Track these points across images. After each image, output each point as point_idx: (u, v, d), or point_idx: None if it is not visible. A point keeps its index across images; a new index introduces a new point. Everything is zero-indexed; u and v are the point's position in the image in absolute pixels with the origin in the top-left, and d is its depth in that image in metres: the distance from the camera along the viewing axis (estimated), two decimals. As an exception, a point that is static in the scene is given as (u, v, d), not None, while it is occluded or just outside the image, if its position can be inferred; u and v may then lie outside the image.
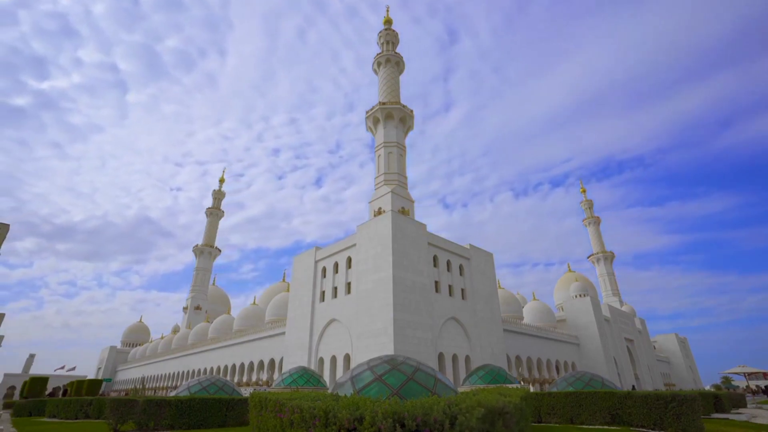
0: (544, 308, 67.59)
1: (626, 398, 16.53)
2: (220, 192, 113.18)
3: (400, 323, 31.57)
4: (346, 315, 36.66)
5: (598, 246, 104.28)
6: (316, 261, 43.15)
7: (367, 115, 51.95)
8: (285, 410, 7.35)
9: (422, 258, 36.50)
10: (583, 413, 17.37)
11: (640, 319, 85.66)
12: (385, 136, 49.15)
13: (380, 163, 48.15)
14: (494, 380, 25.25)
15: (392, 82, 54.50)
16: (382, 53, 56.63)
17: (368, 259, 35.76)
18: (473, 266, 43.34)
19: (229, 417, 17.95)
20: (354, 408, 6.08)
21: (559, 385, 21.16)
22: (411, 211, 45.70)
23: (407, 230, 36.12)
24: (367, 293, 34.46)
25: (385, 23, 59.64)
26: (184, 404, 16.89)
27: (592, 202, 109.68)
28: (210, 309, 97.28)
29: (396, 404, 6.11)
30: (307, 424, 6.46)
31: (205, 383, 21.42)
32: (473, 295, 41.69)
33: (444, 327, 36.68)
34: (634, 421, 16.02)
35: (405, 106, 51.22)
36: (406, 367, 10.54)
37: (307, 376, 27.24)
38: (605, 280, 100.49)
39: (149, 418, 16.57)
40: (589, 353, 61.19)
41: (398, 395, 9.28)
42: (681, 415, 14.89)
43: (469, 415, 5.86)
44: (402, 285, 33.10)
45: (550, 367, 55.87)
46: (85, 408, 27.09)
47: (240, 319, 62.46)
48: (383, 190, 45.41)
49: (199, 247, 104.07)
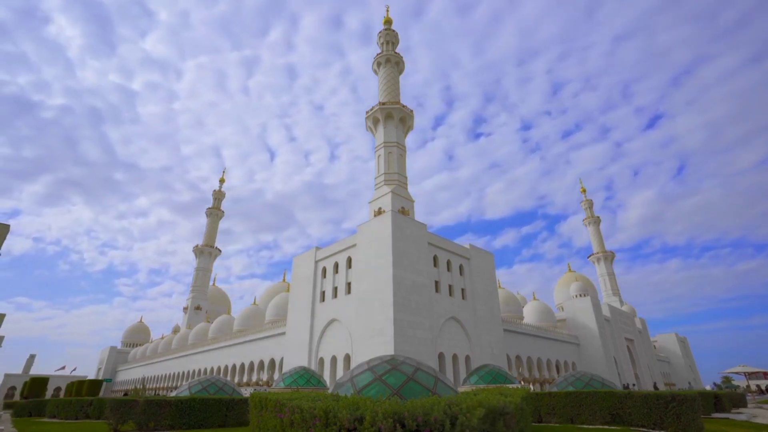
0: (544, 308, 67.60)
1: (626, 398, 16.54)
2: (220, 192, 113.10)
3: (400, 323, 31.57)
4: (346, 315, 36.65)
5: (598, 246, 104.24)
6: (316, 261, 43.15)
7: (367, 115, 51.98)
8: (285, 410, 7.35)
9: (422, 258, 36.49)
10: (583, 413, 17.39)
11: (640, 319, 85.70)
12: (385, 136, 49.18)
13: (380, 163, 48.17)
14: (494, 380, 25.25)
15: (392, 82, 54.50)
16: (381, 53, 56.64)
17: (368, 259, 35.76)
18: (473, 266, 43.33)
19: (229, 417, 17.96)
20: (354, 408, 6.08)
21: (559, 385, 21.18)
22: (411, 211, 45.71)
23: (407, 230, 36.11)
24: (368, 293, 34.45)
25: (385, 23, 59.63)
26: (184, 404, 16.91)
27: (592, 202, 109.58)
28: (210, 309, 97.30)
29: (396, 404, 6.11)
30: (307, 424, 6.46)
31: (205, 383, 21.44)
32: (473, 295, 41.69)
33: (444, 327, 36.67)
34: (634, 421, 16.03)
35: (405, 106, 51.24)
36: (406, 367, 10.53)
37: (307, 376, 27.23)
38: (605, 280, 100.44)
39: (149, 418, 16.59)
40: (589, 353, 61.20)
41: (398, 395, 9.28)
42: (681, 415, 14.91)
43: (470, 415, 5.87)
44: (402, 285, 33.10)
45: (550, 367, 55.88)
46: (85, 408, 27.11)
47: (240, 319, 62.46)
48: (383, 190, 45.43)
49: (199, 248, 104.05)
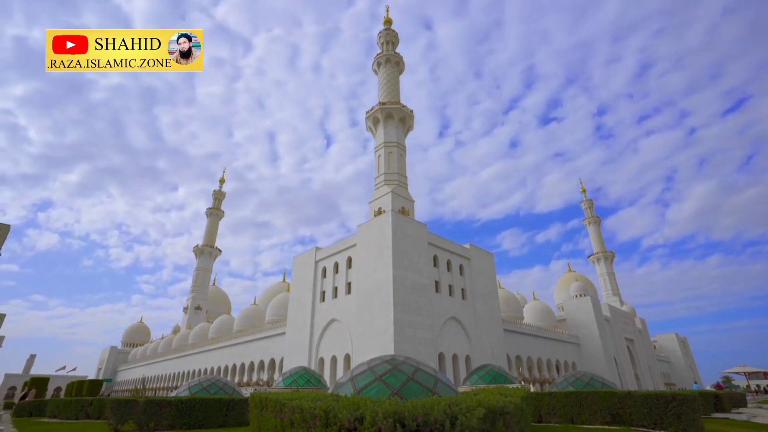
0: (545, 308, 67.55)
1: (626, 398, 16.54)
2: (220, 192, 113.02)
3: (401, 323, 31.57)
4: (346, 315, 36.65)
5: (598, 246, 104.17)
6: (317, 261, 43.16)
7: (367, 116, 51.99)
8: (285, 410, 7.36)
9: (422, 258, 36.49)
10: (583, 413, 17.38)
11: (640, 319, 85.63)
12: (385, 136, 49.18)
13: (380, 163, 48.17)
14: (494, 380, 25.27)
15: (392, 82, 54.51)
16: (381, 53, 56.64)
17: (368, 259, 35.77)
18: (473, 266, 43.33)
19: (229, 417, 17.94)
20: (354, 408, 6.09)
21: (560, 384, 21.19)
22: (411, 211, 45.72)
23: (407, 230, 36.12)
24: (368, 293, 34.46)
25: (385, 23, 59.64)
26: (184, 404, 16.88)
27: (593, 202, 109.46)
28: (210, 309, 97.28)
29: (396, 404, 6.11)
30: (307, 424, 6.47)
31: (205, 383, 21.44)
32: (473, 295, 41.68)
33: (444, 327, 36.67)
34: (634, 421, 16.03)
35: (405, 106, 51.25)
36: (406, 367, 10.53)
37: (307, 376, 27.25)
38: (605, 279, 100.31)
39: (149, 418, 16.57)
40: (590, 353, 61.16)
41: (398, 395, 9.28)
42: (681, 415, 14.91)
43: (470, 415, 5.87)
44: (402, 285, 33.10)
45: (550, 366, 55.86)
46: (85, 408, 27.10)
47: (240, 319, 62.46)
48: (383, 190, 45.43)
49: (200, 248, 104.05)
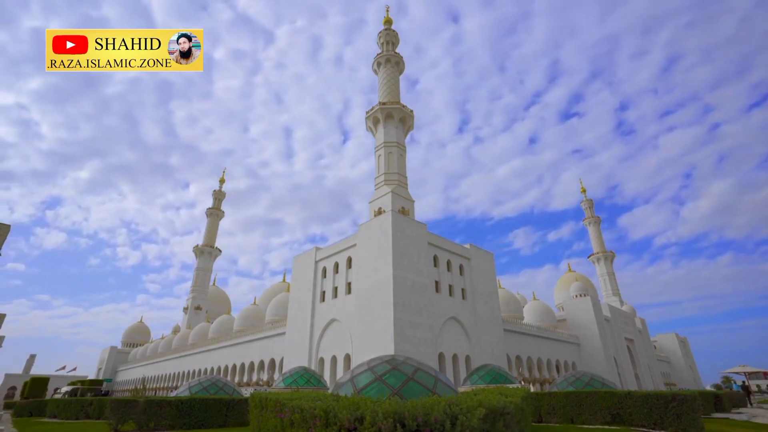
0: (544, 308, 67.54)
1: (626, 398, 16.55)
2: (220, 192, 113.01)
3: (401, 323, 31.57)
4: (346, 315, 36.65)
5: (599, 246, 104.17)
6: (317, 261, 43.15)
7: (367, 116, 52.00)
8: (285, 410, 7.36)
9: (422, 258, 36.49)
10: (583, 413, 17.39)
11: (640, 319, 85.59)
12: (385, 136, 49.18)
13: (380, 163, 48.17)
14: (494, 380, 25.27)
15: (392, 82, 54.51)
16: (382, 53, 56.65)
17: (368, 259, 35.76)
18: (473, 266, 43.32)
19: (229, 417, 17.95)
20: (354, 408, 6.09)
21: (560, 385, 21.20)
22: (411, 211, 45.72)
23: (407, 230, 36.11)
24: (368, 293, 34.45)
25: (385, 23, 59.62)
26: (184, 404, 16.90)
27: (593, 202, 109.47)
28: (210, 309, 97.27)
29: (396, 404, 6.11)
30: (307, 424, 6.47)
31: (205, 383, 21.46)
32: (473, 295, 41.68)
33: (444, 327, 36.66)
34: (634, 421, 16.03)
35: (405, 106, 51.26)
36: (406, 367, 10.54)
37: (307, 376, 27.25)
38: (605, 280, 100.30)
39: (149, 418, 16.59)
40: (590, 353, 61.13)
41: (399, 395, 9.28)
42: (681, 415, 14.91)
43: (470, 415, 5.87)
44: (402, 285, 33.10)
45: (550, 367, 55.85)
46: (85, 408, 27.12)
47: (240, 319, 62.44)
48: (383, 190, 45.43)
49: (200, 248, 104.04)
